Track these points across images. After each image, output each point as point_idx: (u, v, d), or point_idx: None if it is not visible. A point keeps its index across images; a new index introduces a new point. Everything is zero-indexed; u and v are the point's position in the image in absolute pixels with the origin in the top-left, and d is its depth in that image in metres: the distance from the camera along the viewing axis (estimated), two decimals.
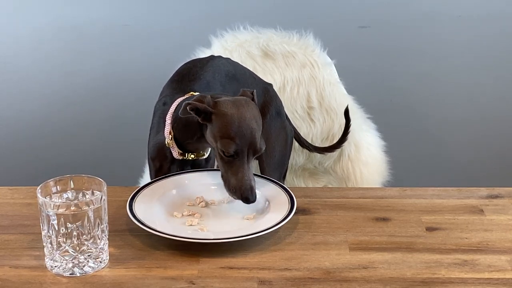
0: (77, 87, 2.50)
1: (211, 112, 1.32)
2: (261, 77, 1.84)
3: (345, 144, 1.90)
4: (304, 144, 1.80)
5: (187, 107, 1.32)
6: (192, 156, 1.45)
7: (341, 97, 1.91)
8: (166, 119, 1.44)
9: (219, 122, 1.32)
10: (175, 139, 1.44)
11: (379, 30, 2.44)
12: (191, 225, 1.33)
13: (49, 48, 2.45)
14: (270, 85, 1.73)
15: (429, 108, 2.55)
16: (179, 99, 1.45)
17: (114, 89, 2.50)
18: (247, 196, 1.31)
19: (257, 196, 1.42)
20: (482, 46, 2.47)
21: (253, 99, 1.38)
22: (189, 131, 1.40)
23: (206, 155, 1.48)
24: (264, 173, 1.61)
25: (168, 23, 2.43)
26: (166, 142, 1.44)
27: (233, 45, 1.94)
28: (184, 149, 1.45)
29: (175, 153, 1.45)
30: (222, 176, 1.35)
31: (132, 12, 2.43)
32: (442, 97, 2.54)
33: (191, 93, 1.46)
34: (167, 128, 1.43)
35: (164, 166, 1.49)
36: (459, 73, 2.51)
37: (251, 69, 1.87)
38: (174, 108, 1.44)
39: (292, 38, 1.96)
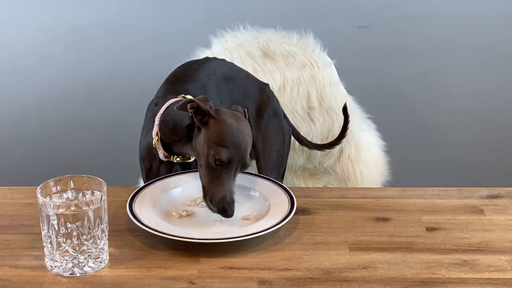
0: (77, 87, 2.50)
1: (211, 117, 1.31)
2: (261, 77, 1.84)
3: (345, 144, 1.90)
4: (303, 141, 1.80)
5: (188, 104, 1.30)
6: (178, 159, 1.45)
7: (341, 97, 1.91)
8: (155, 120, 1.44)
9: (217, 128, 1.31)
10: (162, 141, 1.44)
11: (379, 30, 2.44)
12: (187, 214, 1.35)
13: (49, 48, 2.45)
14: (267, 85, 1.73)
15: (429, 108, 2.55)
16: (170, 100, 1.45)
17: (114, 89, 2.50)
18: (227, 209, 1.29)
19: (257, 196, 1.42)
20: (482, 46, 2.47)
21: (245, 116, 1.38)
22: (176, 134, 1.40)
23: (192, 159, 1.47)
24: (261, 173, 1.61)
25: (168, 23, 2.43)
26: (153, 143, 1.44)
27: (233, 45, 1.94)
28: (170, 151, 1.45)
29: (161, 154, 1.44)
30: (203, 187, 1.33)
31: (132, 12, 2.43)
32: (442, 97, 2.54)
33: (182, 95, 1.46)
34: (155, 129, 1.43)
35: (153, 166, 1.49)
36: (459, 73, 2.51)
37: (251, 69, 1.87)
38: (163, 110, 1.43)
39: (292, 38, 1.96)
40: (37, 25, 2.43)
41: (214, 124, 1.32)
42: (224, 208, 1.29)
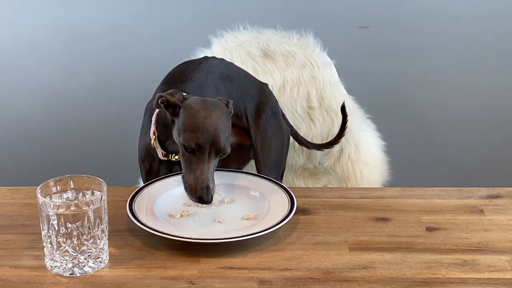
0: (77, 87, 2.50)
1: (179, 106, 1.32)
2: (261, 77, 1.84)
3: (345, 144, 1.90)
4: (301, 141, 1.80)
5: (158, 100, 1.33)
6: (176, 157, 1.46)
7: (341, 97, 1.91)
8: (152, 119, 1.44)
9: (184, 116, 1.32)
10: (159, 140, 1.44)
11: (379, 30, 2.44)
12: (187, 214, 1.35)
13: (49, 48, 2.45)
14: (266, 84, 1.73)
15: (429, 108, 2.55)
16: None
17: (114, 89, 2.50)
18: (201, 196, 1.27)
19: (257, 196, 1.42)
20: (482, 46, 2.47)
21: (227, 105, 1.38)
22: (168, 130, 1.41)
23: None
24: (260, 173, 1.61)
25: (168, 23, 2.43)
26: (151, 143, 1.44)
27: (233, 45, 1.94)
28: (167, 150, 1.45)
29: (159, 153, 1.45)
30: (182, 177, 1.33)
31: (132, 12, 2.43)
32: (442, 97, 2.54)
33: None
34: (152, 128, 1.44)
35: (153, 167, 1.49)
36: (459, 73, 2.51)
37: (251, 69, 1.87)
38: (158, 109, 1.44)
39: (292, 38, 1.96)
40: (37, 25, 2.43)
41: (181, 113, 1.33)
42: (199, 196, 1.28)
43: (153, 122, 1.44)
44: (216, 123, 1.31)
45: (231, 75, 1.65)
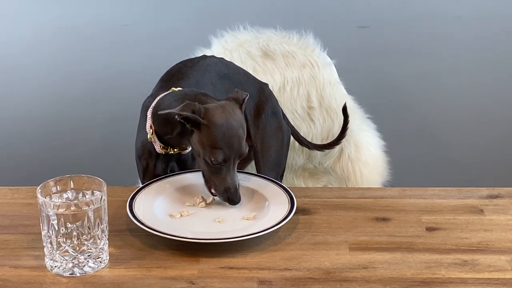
0: (77, 87, 2.50)
1: (201, 123, 1.33)
2: (261, 77, 1.84)
3: (345, 144, 1.90)
4: (303, 142, 1.80)
5: (176, 117, 1.32)
6: (175, 150, 1.46)
7: (341, 97, 1.91)
8: (147, 113, 1.44)
9: (209, 131, 1.33)
10: (156, 133, 1.44)
11: (379, 30, 2.44)
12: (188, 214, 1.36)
13: (49, 48, 2.45)
14: (266, 84, 1.73)
15: (429, 108, 2.55)
16: (161, 94, 1.46)
17: (113, 89, 2.50)
18: (233, 199, 1.36)
19: (257, 196, 1.42)
20: (482, 46, 2.47)
21: (242, 103, 1.38)
22: (168, 126, 1.41)
23: (188, 149, 1.48)
24: (260, 173, 1.61)
25: (168, 23, 2.43)
26: (148, 137, 1.44)
27: (233, 45, 1.94)
28: (166, 143, 1.45)
29: (158, 147, 1.45)
30: (204, 176, 1.38)
31: (132, 12, 2.43)
32: (442, 97, 2.53)
33: (172, 88, 1.47)
34: (148, 122, 1.44)
35: (150, 164, 1.49)
36: (458, 73, 2.51)
37: (251, 69, 1.87)
38: (155, 103, 1.44)
39: (292, 38, 1.96)
40: (37, 25, 2.43)
41: (205, 127, 1.33)
42: (230, 198, 1.36)
43: (149, 116, 1.44)
44: (238, 134, 1.34)
45: (230, 73, 1.65)
